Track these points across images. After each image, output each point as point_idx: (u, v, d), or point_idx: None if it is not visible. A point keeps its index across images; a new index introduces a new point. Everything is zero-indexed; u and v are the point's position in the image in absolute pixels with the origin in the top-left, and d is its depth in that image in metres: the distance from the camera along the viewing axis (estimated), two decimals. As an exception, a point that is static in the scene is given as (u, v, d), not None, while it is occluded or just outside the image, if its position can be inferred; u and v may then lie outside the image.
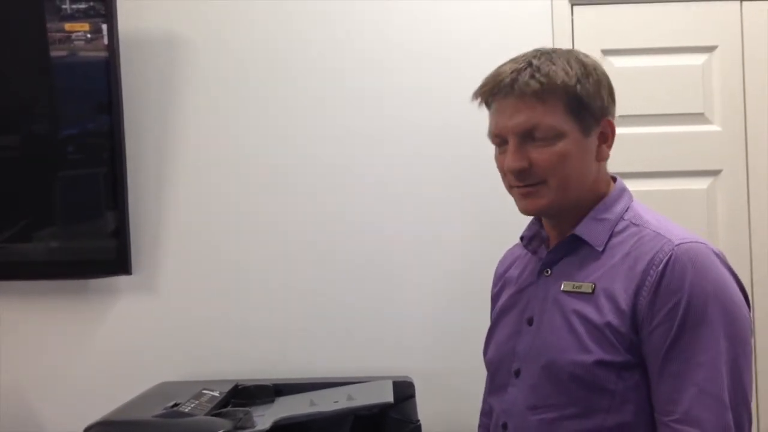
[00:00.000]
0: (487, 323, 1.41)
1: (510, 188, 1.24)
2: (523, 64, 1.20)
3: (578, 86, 1.19)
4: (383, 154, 2.19)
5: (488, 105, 1.25)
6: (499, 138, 1.22)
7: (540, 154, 1.17)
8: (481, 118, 1.29)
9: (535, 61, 1.20)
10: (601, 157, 1.23)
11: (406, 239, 2.18)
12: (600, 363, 1.12)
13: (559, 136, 1.18)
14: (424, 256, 2.17)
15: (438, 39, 2.18)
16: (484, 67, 1.27)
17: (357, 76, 2.19)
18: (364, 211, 2.18)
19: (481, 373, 1.41)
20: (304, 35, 2.20)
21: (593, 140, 1.21)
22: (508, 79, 1.18)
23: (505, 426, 1.25)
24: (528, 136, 1.18)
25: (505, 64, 1.23)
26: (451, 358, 2.14)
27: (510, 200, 1.34)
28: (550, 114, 1.17)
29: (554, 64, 1.19)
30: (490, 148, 1.30)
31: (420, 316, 2.17)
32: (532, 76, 1.17)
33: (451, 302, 2.16)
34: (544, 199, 1.20)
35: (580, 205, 1.22)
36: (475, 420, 1.48)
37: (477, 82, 1.24)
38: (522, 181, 1.19)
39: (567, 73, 1.19)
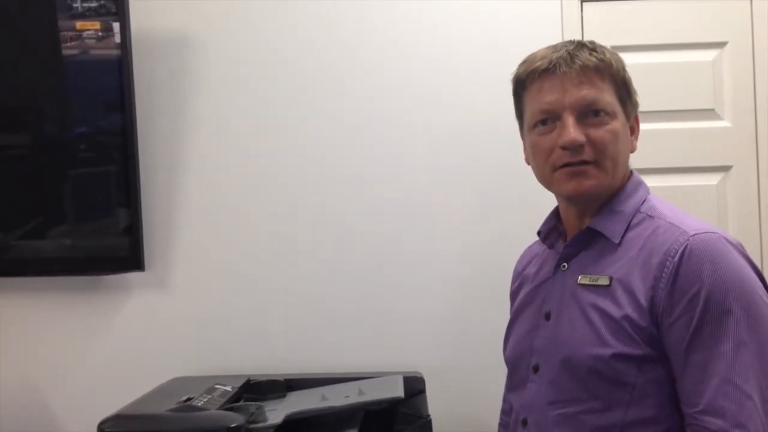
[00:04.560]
0: (498, 319, 1.42)
1: (554, 171, 1.21)
2: (574, 44, 1.20)
3: (625, 73, 1.22)
4: (394, 155, 2.19)
5: (524, 87, 1.24)
6: (548, 114, 1.19)
7: (596, 132, 1.17)
8: (487, 119, 1.29)
9: (586, 43, 1.21)
10: (633, 148, 1.25)
11: (416, 237, 2.18)
12: (619, 356, 1.11)
13: (613, 114, 1.19)
14: (435, 253, 2.18)
15: (446, 39, 2.18)
16: (493, 66, 1.28)
17: (365, 79, 2.20)
18: (376, 210, 2.19)
19: (491, 369, 1.41)
20: (315, 36, 2.21)
21: (628, 130, 1.23)
22: (566, 54, 1.18)
23: (524, 422, 1.24)
24: (585, 112, 1.17)
25: (544, 49, 1.22)
26: (461, 353, 2.15)
27: (520, 200, 1.35)
28: (607, 91, 1.18)
29: (603, 48, 1.21)
30: (499, 149, 1.30)
31: (430, 312, 2.17)
32: (592, 53, 1.18)
33: (461, 298, 2.17)
34: (594, 180, 1.18)
35: (609, 193, 1.22)
36: (485, 415, 1.49)
37: (485, 82, 1.24)
38: (577, 156, 1.17)
39: (615, 58, 1.21)
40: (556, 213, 1.34)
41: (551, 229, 1.33)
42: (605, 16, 2.20)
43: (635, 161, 1.32)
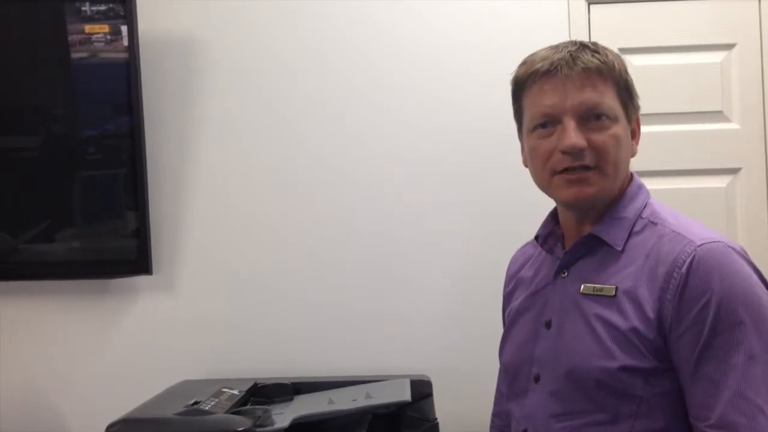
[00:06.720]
0: (504, 322, 1.41)
1: (552, 175, 1.17)
2: (576, 45, 1.16)
3: (627, 75, 1.18)
4: (398, 157, 2.19)
5: (523, 89, 1.20)
6: (549, 118, 1.16)
7: (598, 136, 1.13)
8: (492, 120, 1.29)
9: (588, 44, 1.17)
10: (633, 152, 1.21)
11: (421, 240, 2.18)
12: (626, 368, 1.08)
13: (615, 118, 1.15)
14: (440, 256, 2.18)
15: (452, 42, 2.18)
16: (499, 69, 1.26)
17: (370, 81, 2.20)
18: (382, 213, 2.19)
19: (498, 372, 1.40)
20: (321, 38, 2.21)
21: (630, 133, 1.19)
22: (567, 55, 1.14)
23: None
24: (586, 116, 1.14)
25: (544, 49, 1.18)
26: (468, 356, 2.14)
27: (521, 199, 1.33)
28: (609, 94, 1.15)
29: (605, 49, 1.18)
30: (501, 150, 1.29)
31: (437, 315, 2.17)
32: (594, 54, 1.14)
33: (467, 301, 2.16)
34: (595, 186, 1.15)
35: (609, 199, 1.19)
36: (491, 418, 1.48)
37: (490, 84, 1.23)
38: (578, 161, 1.13)
39: (618, 60, 1.18)
40: (554, 216, 1.30)
41: (549, 233, 1.30)
42: (612, 18, 2.19)
43: (643, 164, 1.31)
